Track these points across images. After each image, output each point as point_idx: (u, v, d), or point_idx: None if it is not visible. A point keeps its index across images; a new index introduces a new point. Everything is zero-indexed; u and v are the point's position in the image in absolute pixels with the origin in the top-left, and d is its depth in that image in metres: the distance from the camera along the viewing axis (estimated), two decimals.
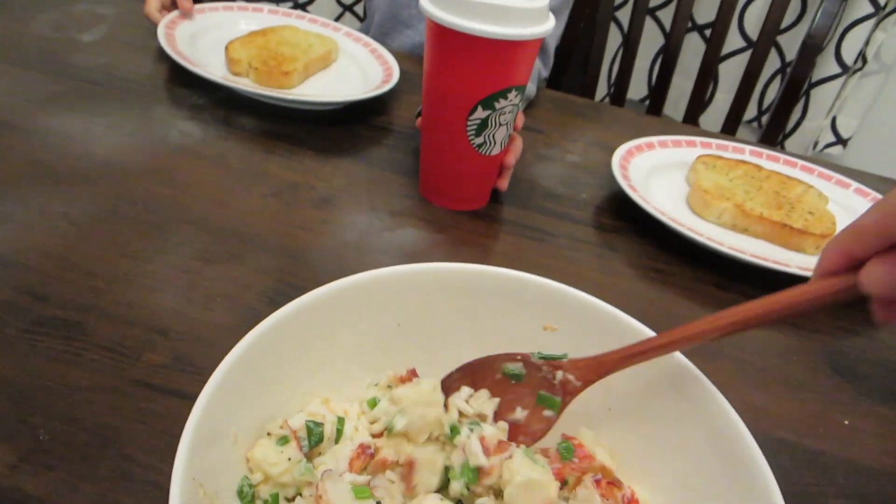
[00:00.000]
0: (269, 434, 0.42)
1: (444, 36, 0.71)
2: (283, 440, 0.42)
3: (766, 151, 1.05)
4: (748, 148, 1.05)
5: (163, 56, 1.06)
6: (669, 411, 0.46)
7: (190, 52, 1.02)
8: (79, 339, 0.56)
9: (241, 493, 0.40)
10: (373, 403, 0.47)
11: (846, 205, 0.97)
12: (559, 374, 0.45)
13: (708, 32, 2.05)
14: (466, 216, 0.83)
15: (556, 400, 0.45)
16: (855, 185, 1.00)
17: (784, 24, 2.01)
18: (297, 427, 0.42)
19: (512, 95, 0.75)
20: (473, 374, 0.47)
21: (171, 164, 0.82)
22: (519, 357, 0.46)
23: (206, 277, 0.65)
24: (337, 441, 0.44)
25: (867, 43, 1.93)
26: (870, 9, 1.85)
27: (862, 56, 1.97)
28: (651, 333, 0.46)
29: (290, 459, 0.41)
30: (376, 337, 0.50)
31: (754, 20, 2.01)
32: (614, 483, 0.44)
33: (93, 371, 0.53)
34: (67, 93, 0.93)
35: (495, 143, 0.79)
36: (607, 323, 0.48)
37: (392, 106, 1.06)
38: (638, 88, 2.19)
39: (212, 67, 1.01)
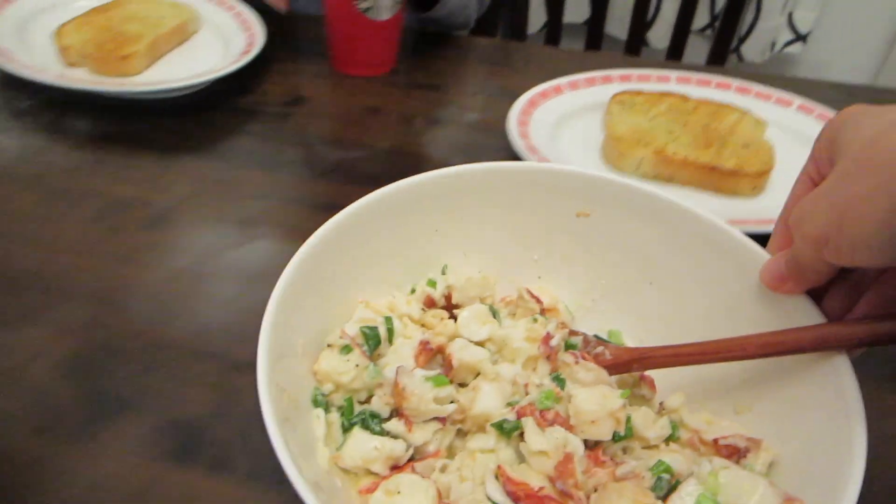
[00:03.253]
0: (329, 346, 0.45)
1: None
2: (347, 349, 0.44)
3: (694, 76, 0.91)
4: (674, 75, 0.91)
5: None
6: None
7: (19, 43, 0.86)
8: None
9: (315, 402, 0.43)
10: (432, 283, 0.51)
11: (788, 126, 0.84)
12: (600, 349, 0.46)
13: None
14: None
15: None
16: (798, 101, 0.87)
17: None
18: (354, 334, 0.44)
19: None
20: None
21: None
22: (581, 333, 0.48)
23: None
24: (390, 341, 0.46)
25: None
26: None
27: None
28: (688, 208, 0.48)
29: (357, 366, 0.43)
30: (415, 244, 0.51)
31: None
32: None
33: None
34: None
35: (380, 8, 0.86)
36: (639, 202, 0.49)
37: (259, 81, 0.91)
38: (579, 10, 2.01)
39: (46, 59, 0.86)
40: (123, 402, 0.50)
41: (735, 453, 0.41)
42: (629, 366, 0.45)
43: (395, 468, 0.41)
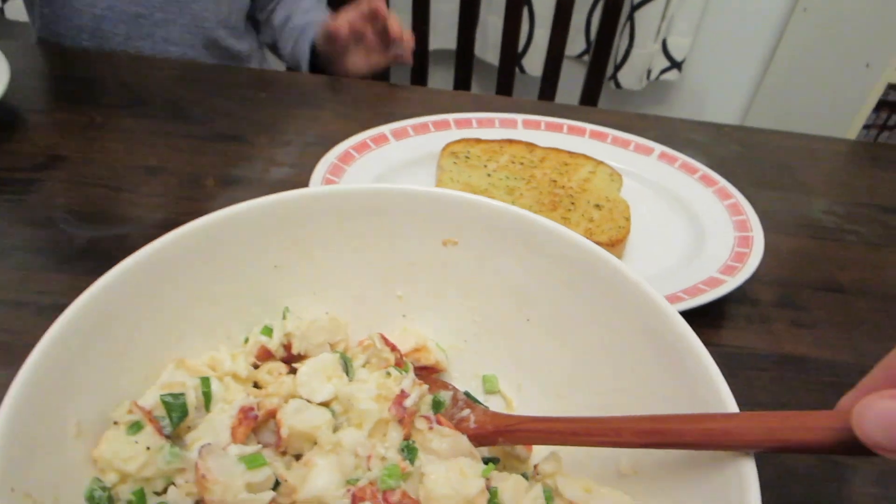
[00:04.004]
0: (115, 423, 0.35)
1: None
2: (135, 427, 0.35)
3: (545, 119, 0.78)
4: (520, 118, 0.78)
5: None
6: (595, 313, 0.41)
7: None
8: None
9: (91, 499, 0.33)
10: (267, 331, 0.42)
11: (648, 179, 0.72)
12: (466, 412, 0.41)
13: None
14: None
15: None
16: (659, 149, 0.75)
17: None
18: (151, 406, 0.36)
19: None
20: None
21: None
22: (451, 387, 0.43)
23: None
24: (207, 408, 0.38)
25: None
26: None
27: None
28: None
29: (148, 448, 0.34)
30: (248, 284, 0.43)
31: None
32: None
33: None
34: None
35: None
36: (511, 227, 0.43)
37: (6, 141, 0.72)
38: (445, 36, 1.89)
39: None
40: None
41: None
42: (494, 438, 0.39)
43: None
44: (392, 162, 0.70)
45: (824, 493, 0.48)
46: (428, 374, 0.45)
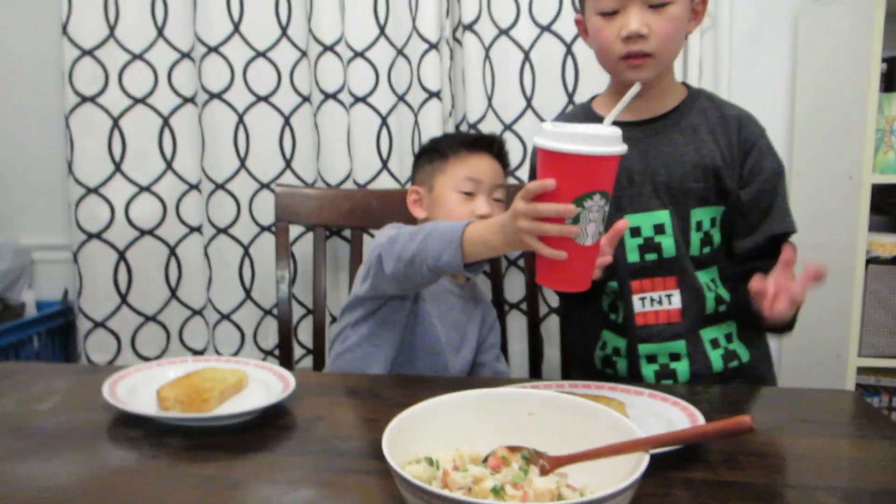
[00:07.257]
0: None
1: (553, 158, 1.02)
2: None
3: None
4: (567, 383, 1.36)
5: (106, 408, 1.33)
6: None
7: (128, 402, 1.31)
8: None
9: None
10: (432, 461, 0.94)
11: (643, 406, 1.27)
12: (540, 461, 0.91)
13: None
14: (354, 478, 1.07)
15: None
16: (647, 391, 1.31)
17: None
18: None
19: (597, 198, 1.03)
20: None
21: (112, 483, 1.06)
22: (524, 449, 0.94)
23: None
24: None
25: None
26: None
27: None
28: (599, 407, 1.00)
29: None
30: (444, 435, 0.97)
31: None
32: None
33: None
34: (24, 448, 1.18)
35: (587, 235, 1.06)
36: (570, 409, 1.00)
37: (292, 410, 1.35)
38: None
39: (146, 409, 1.29)
40: None
41: None
42: (557, 466, 0.91)
43: None
44: None
45: None
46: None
